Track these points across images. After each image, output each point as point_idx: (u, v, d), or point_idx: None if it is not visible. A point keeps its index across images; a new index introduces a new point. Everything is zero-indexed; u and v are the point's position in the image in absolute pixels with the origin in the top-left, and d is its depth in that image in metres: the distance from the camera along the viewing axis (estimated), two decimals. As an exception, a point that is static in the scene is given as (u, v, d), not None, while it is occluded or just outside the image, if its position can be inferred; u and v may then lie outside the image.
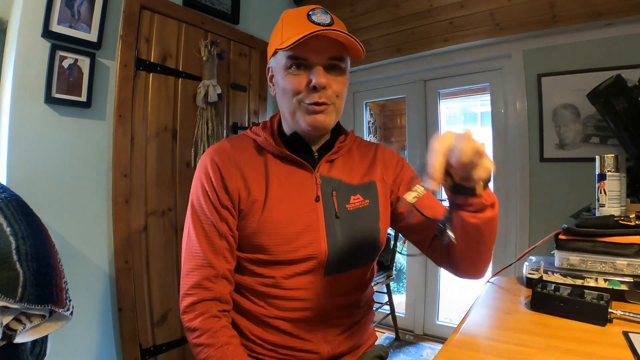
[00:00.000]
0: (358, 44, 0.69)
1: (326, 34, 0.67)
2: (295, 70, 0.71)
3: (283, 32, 0.71)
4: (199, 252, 0.71)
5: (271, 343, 0.73)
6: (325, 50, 0.69)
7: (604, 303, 0.64)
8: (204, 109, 1.80)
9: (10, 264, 0.72)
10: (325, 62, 0.70)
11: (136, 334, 1.55)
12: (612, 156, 0.89)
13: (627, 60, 1.64)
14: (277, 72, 0.75)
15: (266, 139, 0.77)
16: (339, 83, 0.73)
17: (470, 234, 0.64)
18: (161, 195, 1.68)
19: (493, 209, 0.61)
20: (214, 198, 0.72)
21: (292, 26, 0.70)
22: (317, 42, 0.68)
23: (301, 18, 0.70)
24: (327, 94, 0.71)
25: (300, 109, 0.72)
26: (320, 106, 0.71)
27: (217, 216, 0.72)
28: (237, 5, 2.03)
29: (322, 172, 0.77)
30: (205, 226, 0.72)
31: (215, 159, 0.74)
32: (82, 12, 1.40)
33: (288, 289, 0.72)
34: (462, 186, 0.56)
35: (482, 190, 0.57)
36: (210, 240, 0.72)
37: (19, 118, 1.27)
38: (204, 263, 0.71)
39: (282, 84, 0.73)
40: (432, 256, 0.79)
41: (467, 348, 0.59)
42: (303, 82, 0.70)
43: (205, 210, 0.72)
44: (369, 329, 0.84)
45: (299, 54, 0.69)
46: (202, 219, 0.72)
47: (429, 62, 2.26)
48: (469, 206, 0.59)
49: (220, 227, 0.72)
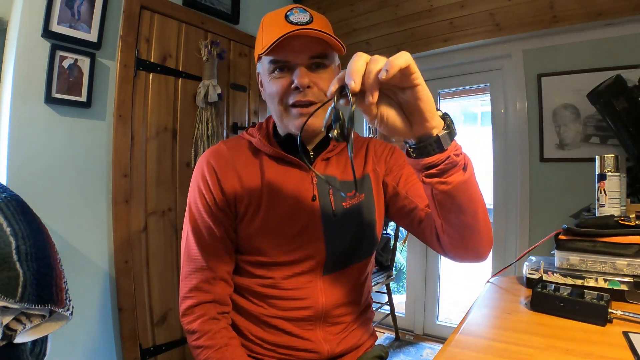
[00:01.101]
0: (337, 40, 0.67)
1: (301, 33, 0.64)
2: (278, 73, 0.69)
3: (264, 37, 0.69)
4: (197, 256, 0.71)
5: (271, 343, 0.73)
6: (305, 49, 0.67)
7: (604, 303, 0.64)
8: (204, 109, 1.80)
9: (10, 264, 0.72)
10: (307, 61, 0.68)
11: (136, 334, 1.55)
12: (612, 156, 0.89)
13: (627, 60, 1.64)
14: (263, 77, 0.74)
15: (261, 140, 0.76)
16: (324, 80, 0.70)
17: (445, 205, 0.56)
18: (161, 195, 1.68)
19: (465, 172, 0.53)
20: (210, 201, 0.72)
21: (271, 29, 0.68)
22: (297, 43, 0.66)
23: (279, 20, 0.68)
24: (312, 92, 0.69)
25: (288, 113, 0.71)
26: (308, 107, 0.69)
27: (215, 218, 0.72)
28: (237, 5, 2.03)
29: (318, 171, 0.77)
30: (203, 229, 0.72)
31: (211, 162, 0.74)
32: (82, 12, 1.40)
33: (287, 289, 0.72)
34: (422, 139, 0.49)
35: (447, 143, 0.49)
36: (207, 243, 0.72)
37: (19, 118, 1.27)
38: (203, 266, 0.71)
39: (267, 88, 0.72)
40: (424, 239, 0.75)
41: (467, 348, 0.59)
42: (286, 84, 0.69)
43: (203, 213, 0.72)
44: (369, 329, 0.84)
45: (279, 57, 0.68)
46: (199, 221, 0.73)
47: (429, 62, 2.26)
48: (434, 167, 0.51)
49: (218, 230, 0.72)
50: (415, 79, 0.44)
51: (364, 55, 0.44)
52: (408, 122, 0.49)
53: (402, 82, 0.44)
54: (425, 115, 0.47)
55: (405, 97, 0.46)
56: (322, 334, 0.74)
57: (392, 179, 0.79)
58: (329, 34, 0.65)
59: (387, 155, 0.83)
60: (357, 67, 0.43)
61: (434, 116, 0.48)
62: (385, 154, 0.83)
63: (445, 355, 0.57)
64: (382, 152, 0.83)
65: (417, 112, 0.47)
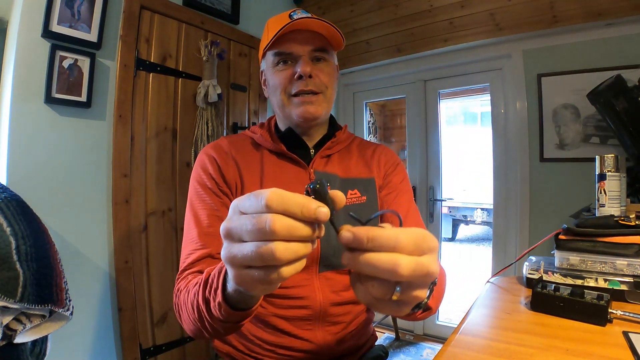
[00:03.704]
0: (337, 31, 0.72)
1: (305, 22, 0.70)
2: (282, 65, 0.74)
3: (269, 34, 0.74)
4: (196, 239, 0.69)
5: (270, 343, 0.73)
6: (308, 41, 0.73)
7: (604, 303, 0.64)
8: (204, 109, 1.80)
9: (10, 264, 0.72)
10: (309, 53, 0.73)
11: (136, 334, 1.55)
12: (612, 156, 0.89)
13: (627, 60, 1.64)
14: (267, 72, 0.78)
15: (262, 136, 0.78)
16: (325, 73, 0.75)
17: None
18: (161, 195, 1.68)
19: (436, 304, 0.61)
20: (212, 185, 0.72)
21: (276, 25, 0.73)
22: (300, 36, 0.72)
23: (283, 18, 0.73)
24: (314, 82, 0.73)
25: (290, 102, 0.74)
26: (308, 95, 0.73)
27: (218, 201, 0.71)
28: (237, 5, 2.03)
29: (317, 168, 0.78)
30: (204, 213, 0.70)
31: (212, 153, 0.75)
32: (82, 12, 1.40)
33: (283, 286, 0.72)
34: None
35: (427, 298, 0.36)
36: (208, 225, 0.69)
37: (19, 118, 1.27)
38: (199, 246, 0.67)
39: (271, 81, 0.76)
40: None
41: (467, 348, 0.59)
42: (289, 75, 0.73)
43: (205, 196, 0.71)
44: (369, 330, 0.84)
45: (283, 49, 0.73)
46: (200, 206, 0.71)
47: (429, 62, 2.26)
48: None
49: (220, 211, 0.70)
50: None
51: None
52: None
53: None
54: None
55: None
56: (321, 335, 0.74)
57: (383, 195, 0.80)
58: (329, 23, 0.71)
59: (389, 168, 0.84)
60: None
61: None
62: (388, 166, 0.84)
63: (445, 355, 0.57)
64: (385, 161, 0.84)
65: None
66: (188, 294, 0.55)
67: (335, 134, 0.82)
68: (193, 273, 0.64)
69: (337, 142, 0.81)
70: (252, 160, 0.76)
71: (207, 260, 0.66)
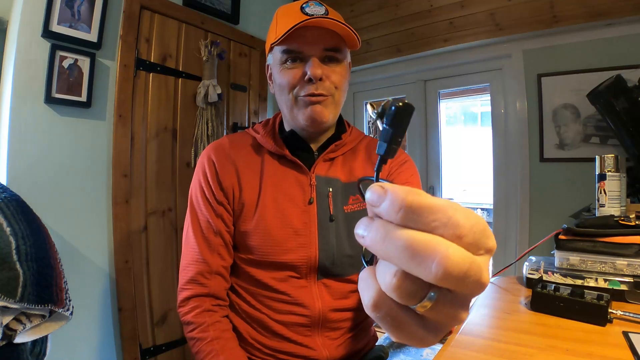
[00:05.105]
0: (353, 32, 0.66)
1: (318, 22, 0.64)
2: (290, 64, 0.69)
3: (277, 28, 0.68)
4: (195, 248, 0.72)
5: (270, 348, 0.72)
6: (319, 41, 0.67)
7: (604, 303, 0.64)
8: (204, 109, 1.80)
9: (10, 264, 0.72)
10: (320, 53, 0.68)
11: (136, 334, 1.55)
12: (612, 156, 0.89)
13: (627, 60, 1.63)
14: (274, 68, 0.73)
15: (264, 137, 0.76)
16: (336, 74, 0.70)
17: None
18: (161, 195, 1.68)
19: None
20: (209, 194, 0.73)
21: (286, 19, 0.67)
22: (311, 34, 0.65)
23: (295, 11, 0.67)
24: (324, 86, 0.68)
25: (298, 104, 0.70)
26: (317, 97, 0.68)
27: (213, 212, 0.72)
28: (237, 5, 2.03)
29: (319, 172, 0.75)
30: (202, 222, 0.73)
31: (212, 156, 0.75)
32: (82, 12, 1.40)
33: (283, 292, 0.71)
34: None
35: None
36: (205, 236, 0.72)
37: (19, 118, 1.27)
38: (199, 259, 0.71)
39: (278, 79, 0.71)
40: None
41: (467, 348, 0.59)
42: (298, 75, 0.68)
43: (202, 205, 0.73)
44: (369, 333, 0.84)
45: (292, 47, 0.67)
46: (198, 214, 0.73)
47: (429, 62, 2.26)
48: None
49: (216, 223, 0.72)
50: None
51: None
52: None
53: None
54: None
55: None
56: (320, 340, 0.73)
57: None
58: (345, 24, 0.65)
59: (392, 168, 0.80)
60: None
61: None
62: (392, 166, 0.80)
63: (445, 355, 0.57)
64: (390, 162, 0.80)
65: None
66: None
67: (341, 137, 0.78)
68: (195, 297, 0.71)
69: (342, 145, 0.78)
70: (252, 162, 0.75)
71: (202, 278, 0.71)
